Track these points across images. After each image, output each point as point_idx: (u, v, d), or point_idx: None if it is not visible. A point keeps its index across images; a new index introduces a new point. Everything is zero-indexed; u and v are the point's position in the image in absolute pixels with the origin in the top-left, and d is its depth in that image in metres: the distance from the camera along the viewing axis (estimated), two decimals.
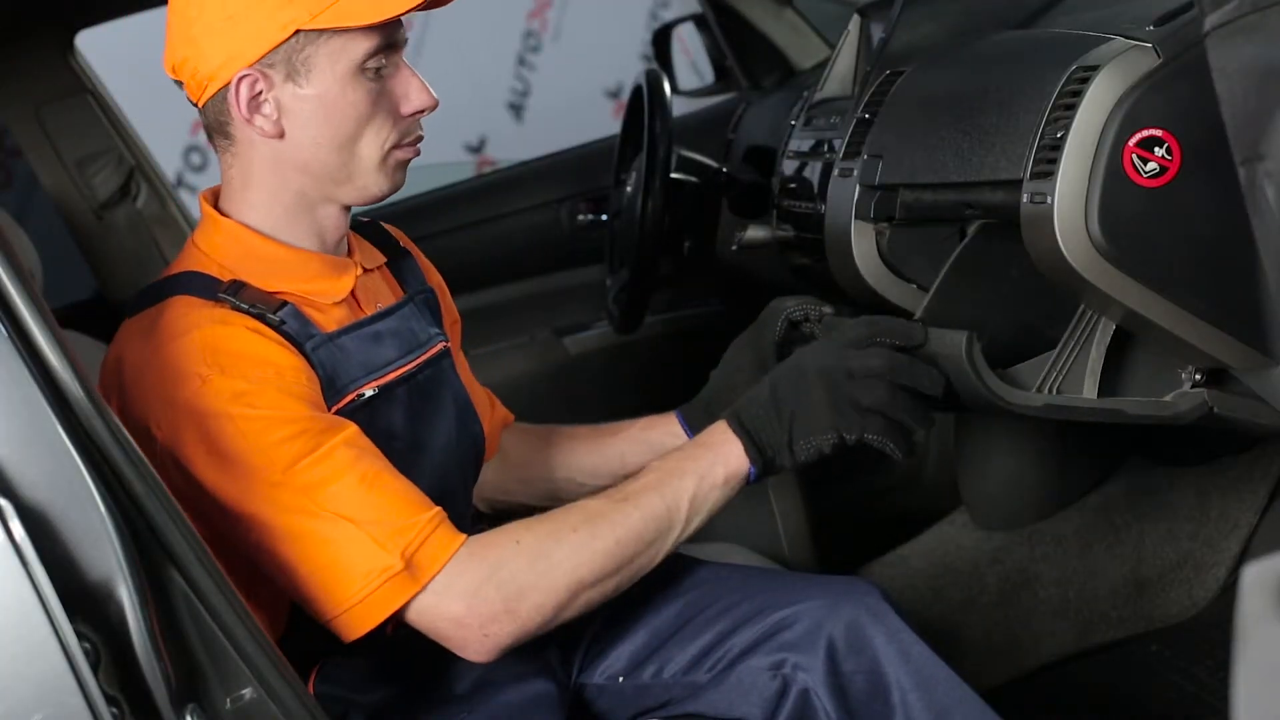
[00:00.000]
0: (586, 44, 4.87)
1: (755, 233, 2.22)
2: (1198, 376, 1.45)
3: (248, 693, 1.16)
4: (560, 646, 1.51)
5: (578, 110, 4.65)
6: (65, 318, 1.39)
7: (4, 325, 1.11)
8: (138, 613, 1.08)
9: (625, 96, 2.52)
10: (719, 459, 1.41)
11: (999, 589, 2.34)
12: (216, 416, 1.30)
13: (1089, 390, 1.45)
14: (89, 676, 1.05)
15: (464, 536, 1.34)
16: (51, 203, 2.73)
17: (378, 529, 1.30)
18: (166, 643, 1.12)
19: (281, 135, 1.40)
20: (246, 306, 1.37)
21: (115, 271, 2.75)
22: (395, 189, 1.46)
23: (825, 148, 1.99)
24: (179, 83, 1.44)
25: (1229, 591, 2.10)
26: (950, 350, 1.45)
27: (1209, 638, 2.07)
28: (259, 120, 1.39)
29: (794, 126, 2.17)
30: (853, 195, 1.72)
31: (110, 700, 1.06)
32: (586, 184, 2.97)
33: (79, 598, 1.07)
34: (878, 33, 2.02)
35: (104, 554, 1.08)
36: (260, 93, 1.38)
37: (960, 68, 1.67)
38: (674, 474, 1.41)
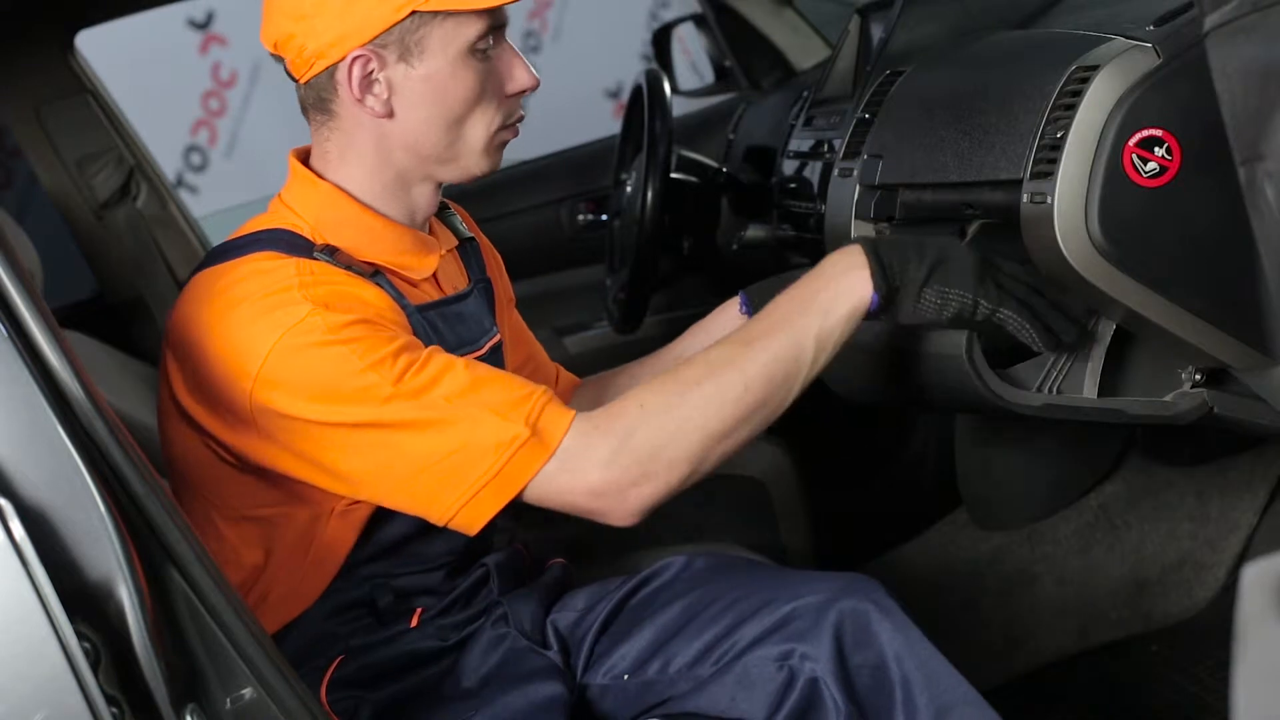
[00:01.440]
0: (586, 44, 4.87)
1: (755, 232, 2.22)
2: (1198, 377, 1.45)
3: (248, 693, 1.16)
4: (562, 648, 1.51)
5: (578, 110, 4.65)
6: (65, 318, 1.39)
7: (4, 325, 1.11)
8: (138, 612, 1.08)
9: (625, 96, 2.53)
10: (842, 292, 1.38)
11: (999, 589, 2.34)
12: (323, 345, 1.31)
13: (1089, 390, 1.45)
14: (89, 676, 1.05)
15: (574, 410, 1.35)
16: (51, 203, 2.73)
17: (498, 404, 1.32)
18: (166, 643, 1.12)
19: (391, 115, 1.42)
20: (343, 267, 1.39)
21: (115, 271, 2.75)
22: (494, 169, 1.48)
23: (825, 148, 1.99)
24: (278, 58, 1.45)
25: (1229, 591, 2.10)
26: (950, 350, 1.45)
27: (1209, 638, 2.07)
28: (370, 100, 1.40)
29: (794, 126, 2.17)
30: (853, 195, 1.72)
31: (110, 700, 1.06)
32: (587, 184, 2.97)
33: (79, 598, 1.07)
34: (878, 33, 2.02)
35: (104, 554, 1.09)
36: (372, 72, 1.39)
37: (960, 68, 1.67)
38: (796, 311, 1.38)
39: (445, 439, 1.32)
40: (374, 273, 1.41)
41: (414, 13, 1.37)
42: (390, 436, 1.32)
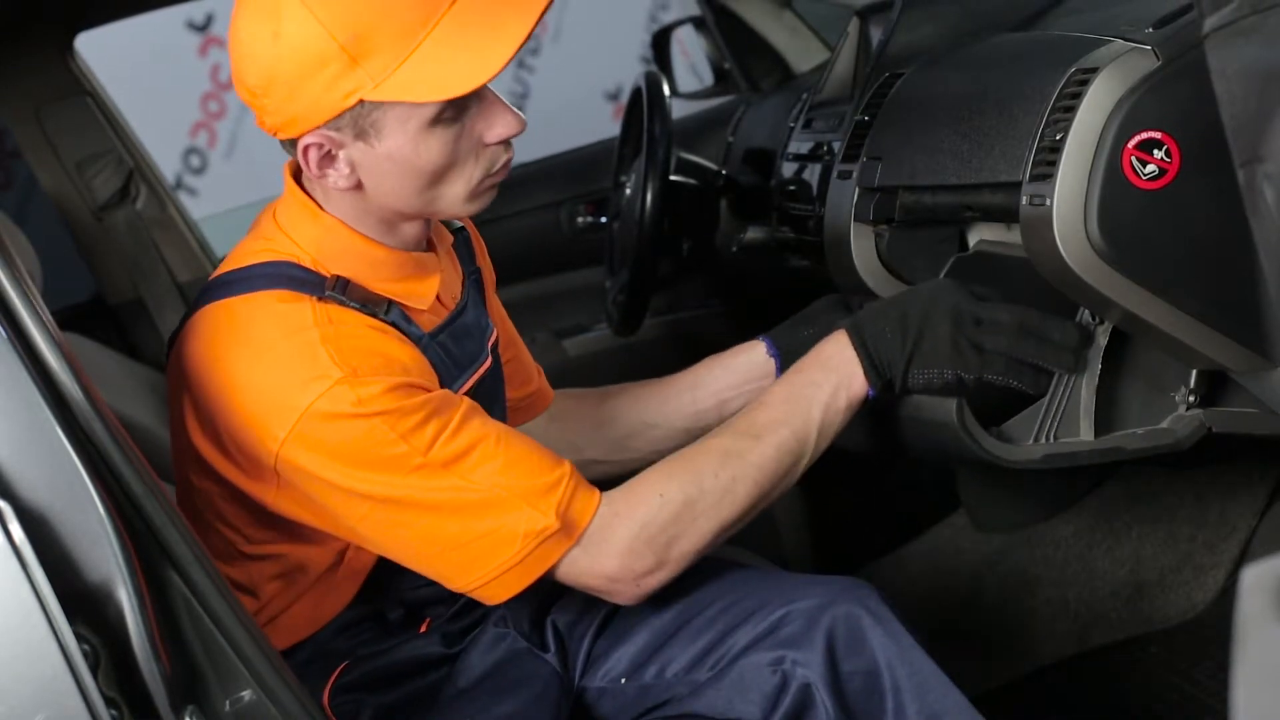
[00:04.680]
0: (586, 46, 4.87)
1: (755, 235, 2.22)
2: (1191, 398, 1.45)
3: (247, 694, 1.16)
4: (560, 648, 1.51)
5: (577, 112, 4.65)
6: (64, 319, 1.39)
7: (3, 327, 1.11)
8: (137, 614, 1.08)
9: (625, 98, 2.53)
10: (842, 383, 1.44)
11: (998, 591, 2.34)
12: (353, 419, 1.29)
13: (1085, 432, 1.45)
14: (88, 678, 1.05)
15: (598, 491, 1.37)
16: (51, 204, 2.73)
17: (529, 491, 1.33)
18: (166, 644, 1.12)
19: (359, 187, 1.37)
20: (357, 305, 1.35)
21: (114, 273, 2.75)
22: (484, 208, 1.43)
23: (824, 150, 1.99)
24: None
25: (1228, 594, 2.10)
26: (943, 417, 1.45)
27: (1208, 640, 2.07)
28: (332, 176, 1.35)
29: (793, 129, 2.17)
30: (852, 197, 1.72)
31: (110, 702, 1.06)
32: (586, 186, 2.97)
33: (78, 599, 1.07)
34: (877, 35, 2.02)
35: (103, 555, 1.08)
36: (329, 152, 1.34)
37: (959, 70, 1.67)
38: (800, 403, 1.43)
39: (474, 522, 1.32)
40: (388, 305, 1.37)
41: (362, 101, 1.30)
42: (418, 516, 1.32)
